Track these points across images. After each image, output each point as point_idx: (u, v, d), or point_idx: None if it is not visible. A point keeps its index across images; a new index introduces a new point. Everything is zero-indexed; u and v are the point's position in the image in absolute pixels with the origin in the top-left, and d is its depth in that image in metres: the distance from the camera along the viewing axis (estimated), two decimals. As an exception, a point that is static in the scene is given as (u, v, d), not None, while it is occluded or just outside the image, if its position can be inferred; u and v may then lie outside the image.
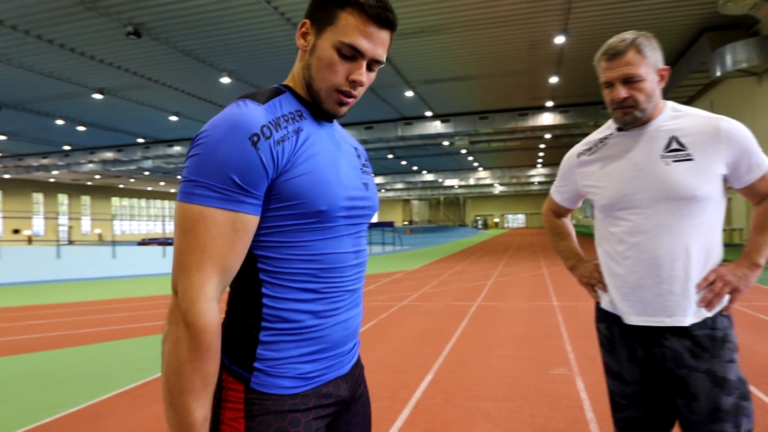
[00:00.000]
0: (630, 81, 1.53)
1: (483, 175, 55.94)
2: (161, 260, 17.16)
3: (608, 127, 1.72)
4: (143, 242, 39.69)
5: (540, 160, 51.82)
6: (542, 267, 14.09)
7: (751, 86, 17.77)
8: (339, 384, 1.10)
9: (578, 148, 1.79)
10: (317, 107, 1.09)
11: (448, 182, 58.42)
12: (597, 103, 27.32)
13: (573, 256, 1.90)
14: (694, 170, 1.51)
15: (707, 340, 1.51)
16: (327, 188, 1.01)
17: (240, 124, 0.95)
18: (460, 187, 67.82)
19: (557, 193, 1.94)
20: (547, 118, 28.25)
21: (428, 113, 28.17)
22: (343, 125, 30.86)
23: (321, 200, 1.00)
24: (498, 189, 73.12)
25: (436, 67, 20.70)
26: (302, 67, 1.08)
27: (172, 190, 64.48)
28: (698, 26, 17.24)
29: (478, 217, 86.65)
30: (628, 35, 1.54)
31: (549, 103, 27.23)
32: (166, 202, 67.20)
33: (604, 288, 1.70)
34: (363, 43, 1.03)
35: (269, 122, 0.98)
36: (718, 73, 16.76)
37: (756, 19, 14.94)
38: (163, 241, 19.53)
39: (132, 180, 52.80)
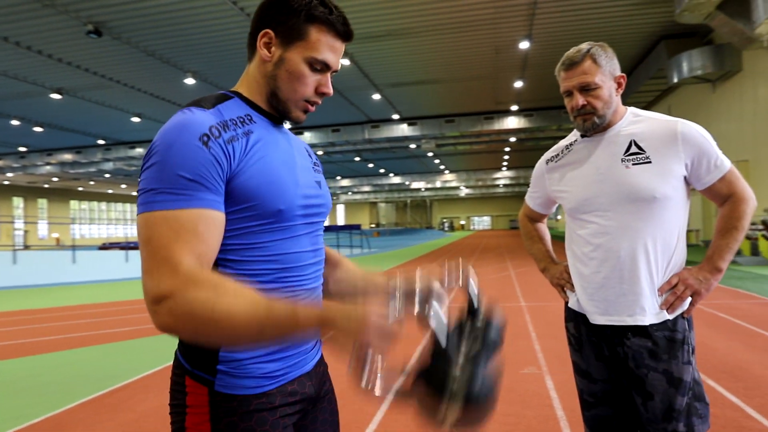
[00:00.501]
0: (587, 89, 1.59)
1: (449, 178, 56.46)
2: (124, 265, 16.74)
3: (574, 134, 1.79)
4: (104, 246, 38.61)
5: (505, 163, 52.56)
6: (509, 268, 14.31)
7: (705, 92, 18.46)
8: (304, 382, 1.11)
9: (547, 154, 1.86)
10: (278, 113, 1.12)
11: (414, 185, 58.75)
12: (560, 107, 27.86)
13: (544, 258, 1.96)
14: (653, 172, 1.56)
15: (666, 342, 1.56)
16: (282, 188, 1.03)
17: (188, 127, 0.95)
18: (427, 189, 68.31)
19: (531, 199, 2.00)
20: (512, 122, 28.71)
21: (395, 116, 28.30)
22: (310, 128, 30.74)
23: (278, 200, 1.02)
24: (464, 191, 73.96)
25: (402, 70, 20.80)
26: (265, 76, 1.09)
27: (134, 193, 62.97)
28: (656, 34, 17.82)
29: (445, 220, 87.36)
30: (584, 46, 1.61)
31: (514, 107, 27.68)
32: (128, 205, 65.63)
33: (573, 288, 1.75)
34: (332, 59, 1.09)
35: (217, 123, 0.98)
36: (675, 80, 17.35)
37: (710, 28, 15.51)
38: (125, 245, 19.06)
39: (92, 182, 51.34)
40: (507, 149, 41.21)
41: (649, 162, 1.57)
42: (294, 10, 1.05)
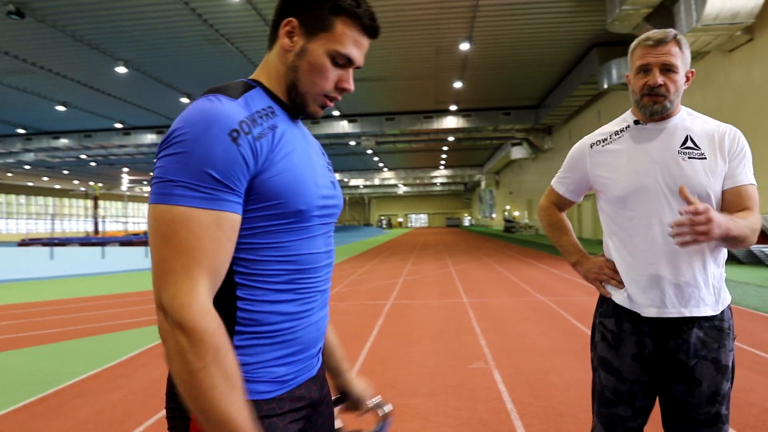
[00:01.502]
0: (668, 69, 1.57)
1: (388, 176, 56.81)
2: (48, 263, 15.77)
3: (623, 119, 1.74)
4: (24, 242, 36.23)
5: (443, 162, 53.45)
6: (449, 265, 14.55)
7: (632, 98, 19.46)
8: (310, 386, 1.09)
9: (591, 138, 1.78)
10: (295, 106, 1.08)
11: (353, 182, 58.73)
12: (497, 108, 28.67)
13: (576, 251, 1.87)
14: (707, 169, 1.57)
15: (716, 332, 1.59)
16: (305, 187, 1.00)
17: (218, 119, 0.90)
18: (366, 187, 68.47)
19: (560, 185, 1.89)
20: (450, 122, 29.22)
21: (336, 113, 28.16)
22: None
23: (300, 200, 0.98)
24: (402, 189, 74.61)
25: (345, 66, 20.72)
26: (287, 67, 1.05)
27: (58, 186, 59.52)
28: (589, 41, 18.63)
29: (383, 217, 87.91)
30: (671, 30, 1.60)
31: (453, 107, 28.18)
32: (50, 199, 61.88)
33: (619, 284, 1.69)
34: (356, 54, 1.05)
35: (246, 118, 0.94)
36: (606, 86, 18.21)
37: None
38: (48, 242, 17.94)
39: (9, 174, 48.00)
40: (445, 148, 41.93)
41: (704, 158, 1.58)
42: (320, 0, 1.02)
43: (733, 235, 1.44)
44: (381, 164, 52.89)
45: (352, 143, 31.84)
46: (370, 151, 41.32)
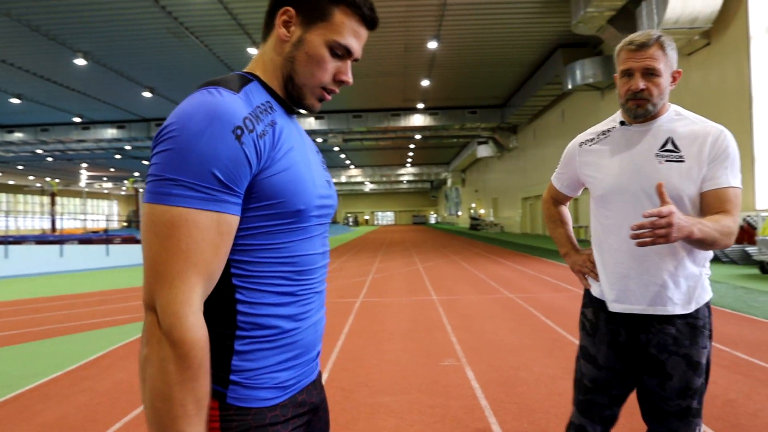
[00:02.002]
0: (649, 74, 1.59)
1: (355, 173, 56.73)
2: (3, 261, 15.15)
3: (612, 120, 1.77)
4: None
5: (409, 160, 53.64)
6: (417, 263, 14.62)
7: (595, 99, 19.93)
8: (311, 391, 1.06)
9: (581, 137, 1.83)
10: (292, 100, 1.04)
11: (320, 179, 58.36)
12: (464, 107, 28.93)
13: (566, 244, 1.95)
14: (683, 172, 1.58)
15: (689, 329, 1.63)
16: (304, 186, 0.97)
17: (221, 114, 0.86)
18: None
19: (558, 180, 1.97)
20: (417, 120, 29.35)
21: (302, 110, 27.94)
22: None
23: (299, 199, 0.96)
24: (369, 187, 74.62)
25: (312, 63, 20.57)
26: (283, 58, 1.01)
27: (12, 182, 57.29)
28: (554, 42, 18.96)
29: (349, 215, 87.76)
30: (654, 32, 1.60)
31: (420, 105, 28.31)
32: (3, 195, 59.51)
33: (596, 277, 1.77)
34: (355, 45, 1.03)
35: (250, 114, 0.90)
36: (570, 86, 18.57)
37: (601, 39, 16.75)
38: (3, 240, 17.27)
39: (-42, 169, 46.03)
40: (412, 146, 42.10)
41: (682, 161, 1.60)
42: None
43: (696, 238, 1.45)
44: (348, 162, 52.76)
45: (319, 140, 31.64)
46: (337, 149, 41.15)
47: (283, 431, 0.96)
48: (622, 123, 1.72)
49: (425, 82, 23.63)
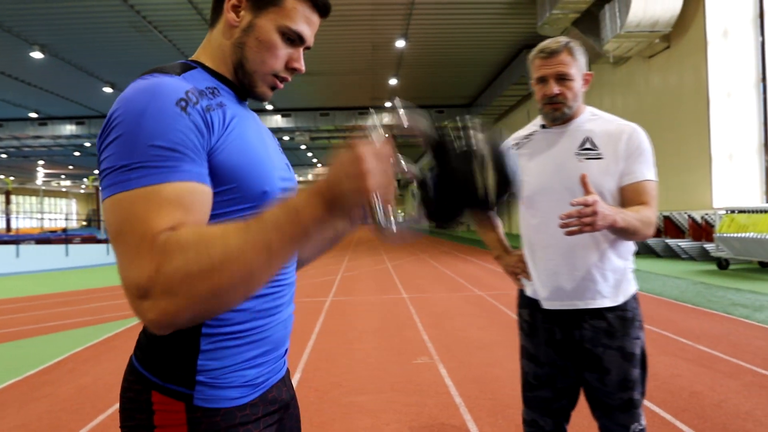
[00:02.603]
0: (562, 79, 1.67)
1: (321, 172, 56.35)
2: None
3: (533, 124, 1.86)
4: None
5: (377, 159, 53.48)
6: (385, 261, 14.62)
7: (559, 99, 20.30)
8: (280, 387, 1.03)
9: (508, 142, 1.87)
10: (243, 87, 1.00)
11: (286, 178, 57.87)
12: (431, 106, 29.09)
13: (498, 246, 2.00)
14: (602, 168, 1.68)
15: (619, 321, 1.70)
16: (264, 168, 0.92)
17: (161, 91, 0.81)
18: (299, 182, 67.64)
19: None
20: (385, 118, 29.33)
21: (269, 107, 27.64)
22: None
23: (262, 181, 0.91)
24: (336, 185, 74.30)
25: (279, 60, 20.37)
26: (232, 44, 0.97)
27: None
28: (520, 43, 19.23)
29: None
30: (562, 39, 1.69)
31: (388, 104, 28.32)
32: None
33: (528, 277, 1.82)
34: (307, 31, 0.98)
35: (192, 88, 0.85)
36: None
37: (566, 41, 17.02)
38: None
39: None
40: (379, 145, 42.06)
41: (600, 158, 1.68)
42: None
43: (620, 227, 1.53)
44: (314, 160, 52.42)
45: (286, 138, 31.34)
46: (303, 147, 40.82)
47: (254, 430, 0.93)
48: (542, 126, 1.81)
49: (393, 81, 23.66)
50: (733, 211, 10.61)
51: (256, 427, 0.93)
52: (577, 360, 1.74)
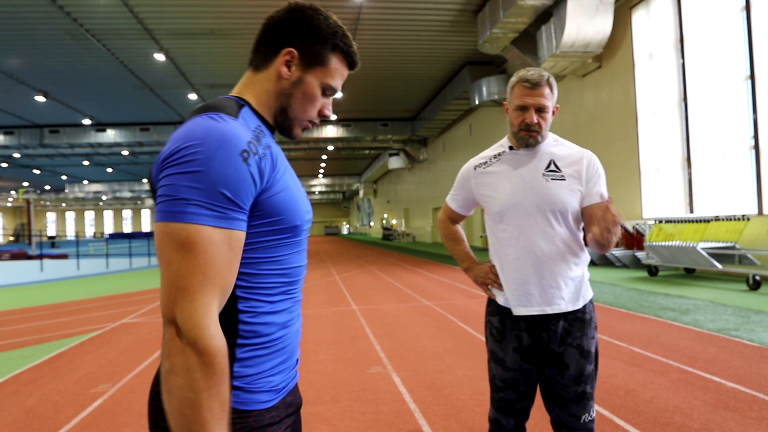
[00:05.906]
0: (541, 110, 1.87)
1: (266, 184, 55.68)
2: None
3: (501, 145, 2.03)
4: None
5: (321, 171, 53.54)
6: (333, 273, 14.66)
7: (500, 115, 21.01)
8: (295, 392, 1.16)
9: (475, 161, 2.06)
10: (279, 127, 1.16)
11: (229, 190, 56.74)
12: (376, 119, 29.42)
13: (467, 258, 2.15)
14: (566, 188, 1.89)
15: (579, 322, 1.91)
16: (298, 203, 1.08)
17: (229, 139, 0.94)
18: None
19: (453, 201, 2.17)
20: (330, 131, 29.45)
21: (286, 137, 27.21)
22: (115, 125, 28.01)
23: (296, 215, 1.06)
24: (280, 198, 73.39)
25: (223, 71, 20.12)
26: (279, 91, 1.12)
27: None
28: (462, 60, 19.82)
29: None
30: (544, 72, 1.87)
31: (333, 117, 28.38)
32: None
33: (500, 287, 1.98)
34: (340, 85, 1.18)
35: (252, 138, 0.99)
36: (476, 102, 19.46)
37: (505, 59, 17.75)
38: None
39: None
40: (324, 157, 42.09)
41: (563, 179, 1.89)
42: (323, 38, 1.11)
43: (613, 232, 1.80)
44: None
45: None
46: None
47: (279, 430, 1.05)
48: (511, 148, 1.99)
49: (338, 94, 23.80)
50: (661, 221, 11.30)
51: (280, 427, 1.06)
52: (542, 361, 1.92)
